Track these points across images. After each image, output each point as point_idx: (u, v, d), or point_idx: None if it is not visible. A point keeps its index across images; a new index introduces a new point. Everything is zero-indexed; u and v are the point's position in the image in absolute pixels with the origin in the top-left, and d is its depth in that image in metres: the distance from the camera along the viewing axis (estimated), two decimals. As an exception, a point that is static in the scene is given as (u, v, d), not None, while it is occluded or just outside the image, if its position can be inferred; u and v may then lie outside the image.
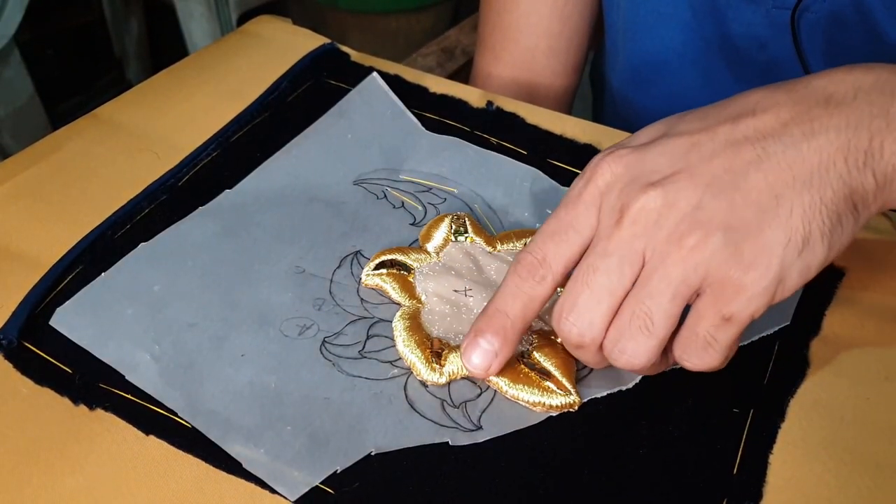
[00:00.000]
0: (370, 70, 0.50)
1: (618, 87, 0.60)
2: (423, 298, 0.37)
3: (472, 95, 0.49)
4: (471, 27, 0.75)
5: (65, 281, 0.36)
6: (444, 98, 0.49)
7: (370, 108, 0.48)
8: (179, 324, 0.35)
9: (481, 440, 0.31)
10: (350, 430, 0.31)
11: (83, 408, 0.31)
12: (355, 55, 0.52)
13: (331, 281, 0.37)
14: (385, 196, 0.42)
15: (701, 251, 0.29)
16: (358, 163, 0.44)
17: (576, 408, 0.33)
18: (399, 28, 1.31)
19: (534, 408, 0.33)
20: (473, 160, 0.45)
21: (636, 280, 0.30)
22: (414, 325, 0.35)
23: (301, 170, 0.44)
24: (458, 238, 0.39)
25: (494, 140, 0.46)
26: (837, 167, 0.28)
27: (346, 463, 0.30)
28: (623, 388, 0.34)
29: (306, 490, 0.29)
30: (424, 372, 0.33)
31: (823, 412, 0.33)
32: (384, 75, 0.50)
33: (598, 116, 0.71)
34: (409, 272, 0.38)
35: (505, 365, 0.33)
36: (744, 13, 0.49)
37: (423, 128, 0.47)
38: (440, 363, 0.33)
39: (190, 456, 0.30)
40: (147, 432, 0.31)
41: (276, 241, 0.39)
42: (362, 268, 0.38)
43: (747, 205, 0.29)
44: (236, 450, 0.30)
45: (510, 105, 0.48)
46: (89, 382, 0.32)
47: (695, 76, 0.54)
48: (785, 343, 0.35)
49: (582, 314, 0.30)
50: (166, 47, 1.38)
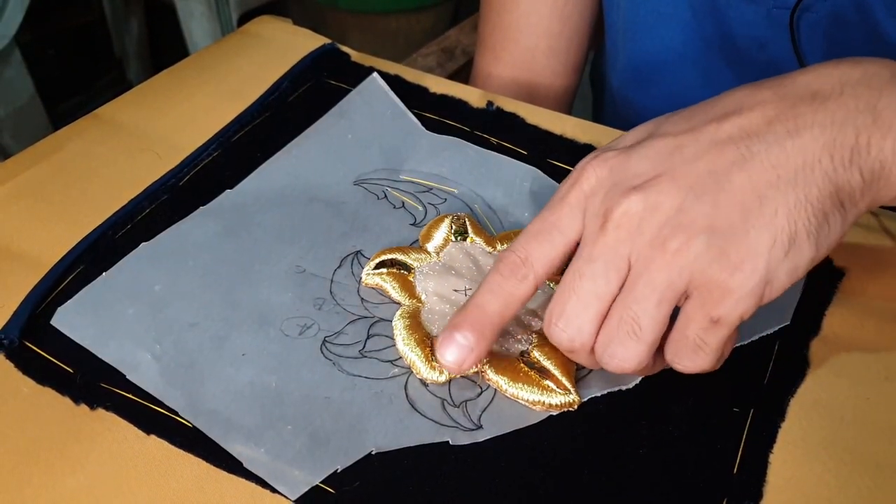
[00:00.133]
0: (370, 70, 0.50)
1: (618, 87, 0.60)
2: (423, 298, 0.37)
3: (473, 95, 0.49)
4: (471, 27, 0.75)
5: (66, 281, 0.36)
6: (445, 98, 0.49)
7: (370, 109, 0.48)
8: (180, 323, 0.35)
9: (481, 439, 0.32)
10: (350, 430, 0.31)
11: (84, 407, 0.31)
12: (355, 55, 0.52)
13: (331, 281, 0.38)
14: (385, 196, 0.42)
15: (684, 254, 0.28)
16: (358, 163, 0.44)
17: (575, 407, 0.33)
18: (399, 28, 1.31)
19: (534, 407, 0.33)
20: (473, 160, 0.45)
21: (624, 284, 0.30)
22: (414, 325, 0.35)
23: (301, 170, 0.44)
24: (458, 238, 0.39)
25: (494, 140, 0.46)
26: (823, 165, 0.28)
27: (347, 462, 0.30)
28: (623, 388, 0.34)
29: (307, 489, 0.29)
30: (424, 370, 0.33)
31: (823, 412, 0.33)
32: (384, 75, 0.50)
33: (598, 116, 0.71)
34: (410, 272, 0.38)
35: (505, 364, 0.34)
36: (744, 13, 0.49)
37: (424, 128, 0.47)
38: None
39: (191, 455, 0.30)
40: (148, 432, 0.31)
41: (277, 241, 0.39)
42: (362, 267, 0.38)
43: (731, 206, 0.28)
44: (237, 449, 0.30)
45: (510, 105, 0.48)
46: (90, 382, 0.32)
47: (695, 76, 0.54)
48: (785, 343, 0.35)
49: (570, 320, 0.30)
50: (167, 47, 1.38)
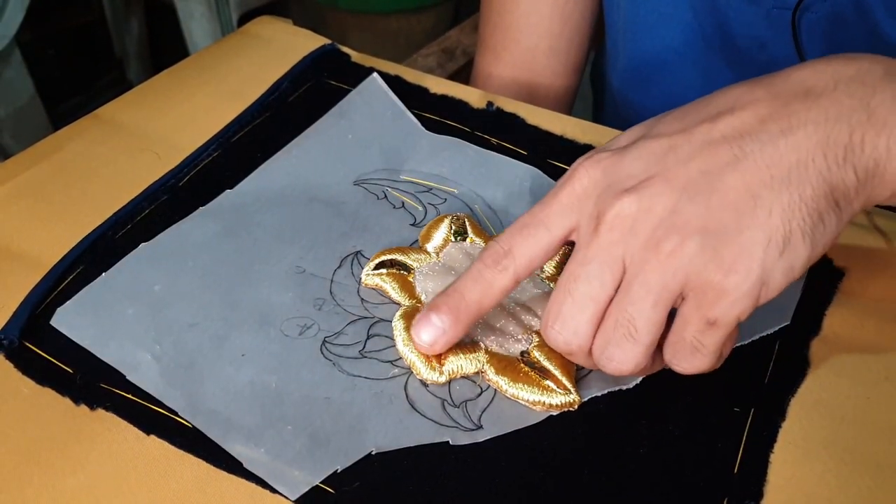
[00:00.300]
0: (370, 71, 0.50)
1: (618, 88, 0.60)
2: (423, 298, 0.37)
3: (473, 96, 0.49)
4: (471, 28, 0.75)
5: (66, 281, 0.36)
6: (445, 98, 0.49)
7: (370, 109, 0.48)
8: (180, 324, 0.35)
9: (481, 439, 0.32)
10: (350, 430, 0.31)
11: (84, 408, 0.31)
12: (356, 56, 0.52)
13: (331, 281, 0.38)
14: (385, 196, 0.42)
15: (678, 256, 0.28)
16: (358, 163, 0.44)
17: (576, 407, 0.33)
18: (399, 28, 1.31)
19: (534, 407, 0.33)
20: (474, 160, 0.45)
21: (619, 287, 0.30)
22: (414, 325, 0.35)
23: (301, 170, 0.44)
24: (458, 238, 0.39)
25: (495, 140, 0.46)
26: (816, 163, 0.28)
27: (347, 462, 0.30)
28: (623, 388, 0.34)
29: (307, 489, 0.29)
30: (424, 371, 0.33)
31: (824, 412, 0.33)
32: (384, 76, 0.50)
33: (599, 117, 0.71)
34: (409, 272, 0.38)
35: (505, 364, 0.33)
36: (744, 13, 0.49)
37: (424, 128, 0.47)
38: (440, 362, 0.33)
39: (191, 455, 0.30)
40: (148, 432, 0.31)
41: (277, 241, 0.39)
42: (362, 268, 0.38)
43: (725, 207, 0.28)
44: (237, 449, 0.30)
45: (510, 105, 0.48)
46: (90, 382, 0.32)
47: (695, 76, 0.54)
48: (785, 343, 0.35)
49: (566, 322, 0.30)
50: (167, 47, 1.38)
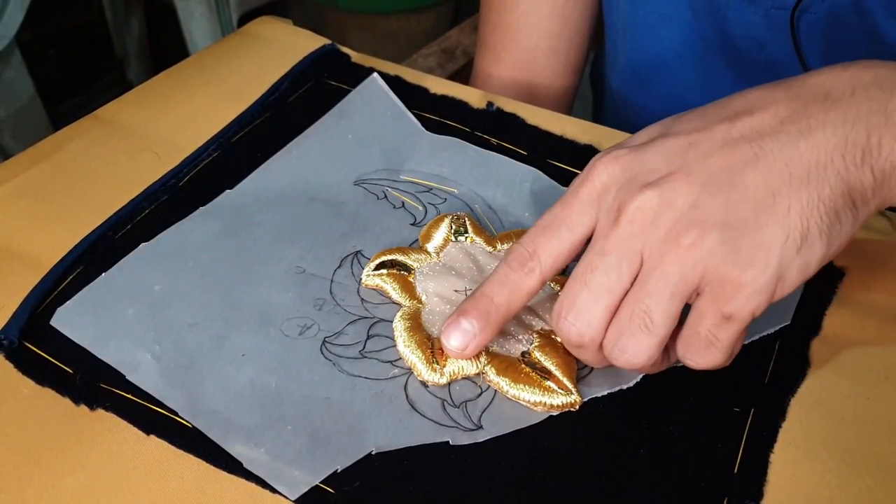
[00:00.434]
0: (370, 71, 0.50)
1: (618, 88, 0.60)
2: (424, 298, 0.37)
3: (473, 96, 0.49)
4: (471, 28, 0.75)
5: (66, 281, 0.36)
6: (445, 99, 0.49)
7: (370, 109, 0.48)
8: (180, 324, 0.35)
9: (482, 440, 0.32)
10: (350, 430, 0.31)
11: (84, 408, 0.31)
12: (356, 56, 0.52)
13: (331, 281, 0.38)
14: (385, 196, 0.42)
15: (698, 249, 0.29)
16: (358, 163, 0.44)
17: (576, 407, 0.33)
18: (399, 28, 1.31)
19: (535, 407, 0.33)
20: (474, 160, 0.45)
21: (635, 279, 0.30)
22: (414, 326, 0.35)
23: (301, 170, 0.44)
24: (458, 238, 0.39)
25: (495, 140, 0.46)
26: (835, 164, 0.28)
27: (347, 462, 0.30)
28: (624, 388, 0.34)
29: (307, 489, 0.29)
30: (425, 372, 0.33)
31: (824, 412, 0.33)
32: (384, 76, 0.50)
33: (598, 117, 0.71)
34: (410, 272, 0.38)
35: (506, 365, 0.33)
36: (743, 14, 0.49)
37: (424, 128, 0.47)
38: (441, 363, 0.33)
39: (190, 456, 0.30)
40: (148, 432, 0.31)
41: (277, 242, 0.39)
42: (363, 268, 0.38)
43: (744, 203, 0.29)
44: (237, 449, 0.30)
45: (510, 106, 0.48)
46: (90, 382, 0.32)
47: (695, 77, 0.54)
48: (785, 343, 0.35)
49: (581, 313, 0.30)
50: (167, 47, 1.38)
